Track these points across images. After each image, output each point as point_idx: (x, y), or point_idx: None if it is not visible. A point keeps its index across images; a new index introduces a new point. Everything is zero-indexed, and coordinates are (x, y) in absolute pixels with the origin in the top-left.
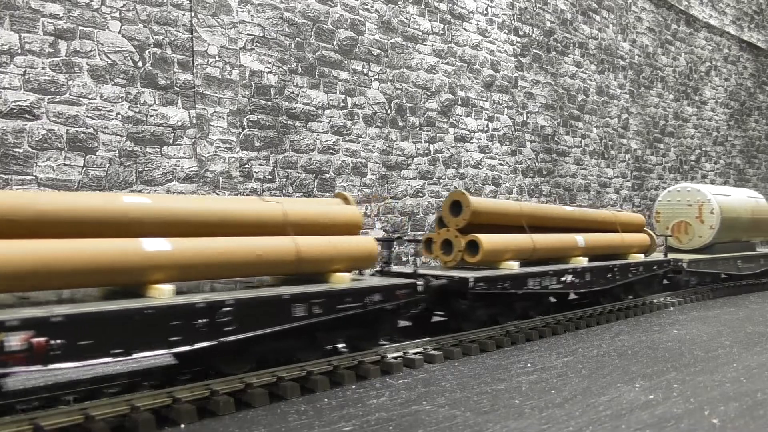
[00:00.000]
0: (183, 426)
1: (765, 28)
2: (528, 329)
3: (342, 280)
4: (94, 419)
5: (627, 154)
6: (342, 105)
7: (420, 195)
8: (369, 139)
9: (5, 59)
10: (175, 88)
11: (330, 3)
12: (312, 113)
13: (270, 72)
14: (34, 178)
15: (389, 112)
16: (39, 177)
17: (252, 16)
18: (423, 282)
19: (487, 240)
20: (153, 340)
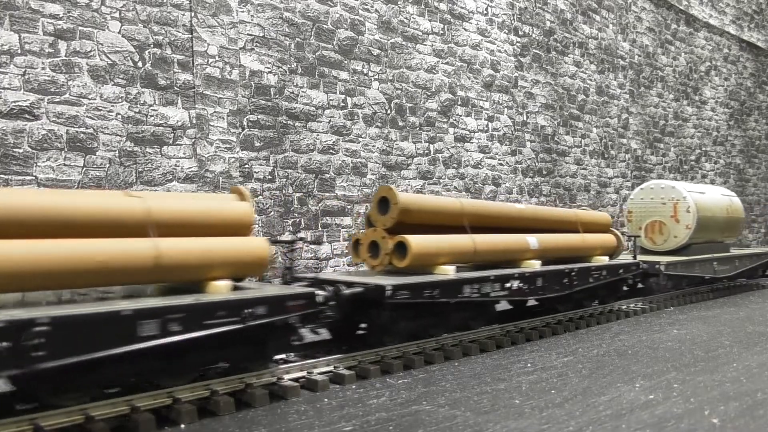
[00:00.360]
0: (183, 426)
1: (765, 27)
2: (528, 329)
3: (218, 289)
4: (94, 419)
5: (627, 153)
6: (342, 105)
7: None
8: (369, 139)
9: (5, 59)
10: (175, 88)
11: (330, 3)
12: (312, 113)
13: (270, 72)
14: (34, 178)
15: (389, 112)
16: (39, 177)
17: (252, 16)
18: (332, 290)
19: (417, 242)
20: None
